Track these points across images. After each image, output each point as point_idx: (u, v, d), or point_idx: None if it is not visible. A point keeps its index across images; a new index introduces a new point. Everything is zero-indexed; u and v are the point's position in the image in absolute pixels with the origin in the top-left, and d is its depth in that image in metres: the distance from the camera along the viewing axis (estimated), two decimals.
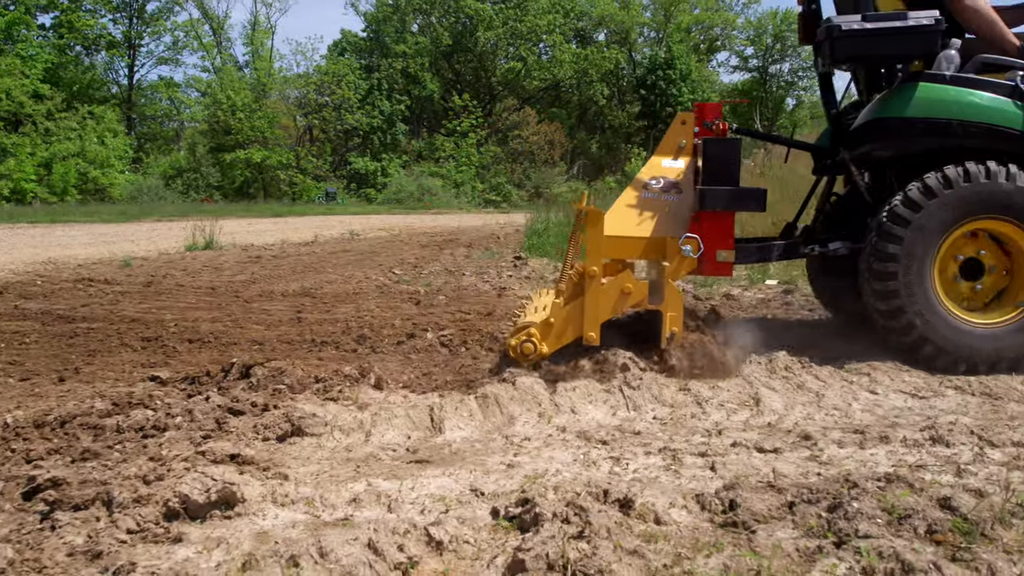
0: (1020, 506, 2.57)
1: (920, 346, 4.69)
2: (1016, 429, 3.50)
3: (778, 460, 3.18)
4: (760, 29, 48.99)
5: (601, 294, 4.66)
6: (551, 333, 4.66)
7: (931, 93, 4.83)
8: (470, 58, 44.30)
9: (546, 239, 11.70)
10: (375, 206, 32.93)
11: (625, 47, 46.43)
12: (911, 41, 4.87)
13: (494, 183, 40.17)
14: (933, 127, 4.82)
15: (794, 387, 4.10)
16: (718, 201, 4.88)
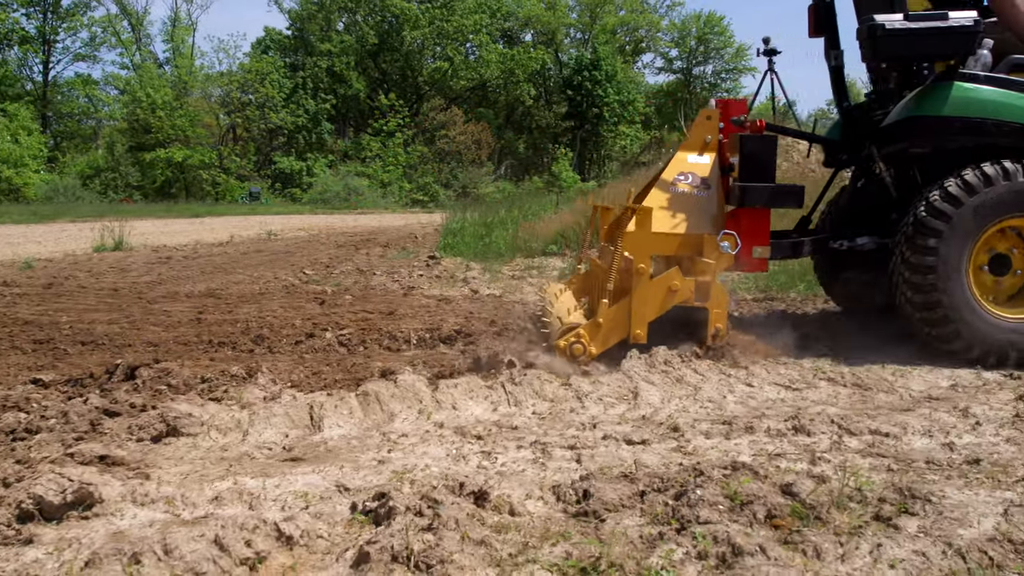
0: (858, 490, 2.70)
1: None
2: (876, 418, 3.65)
3: (644, 452, 3.27)
4: (684, 31, 49.70)
5: (648, 292, 4.67)
6: (599, 333, 4.63)
7: (967, 92, 4.95)
8: (396, 57, 44.08)
9: (461, 239, 11.73)
10: (300, 206, 32.56)
11: (551, 48, 46.69)
12: (952, 41, 4.96)
13: (421, 183, 40.03)
14: (969, 125, 4.94)
15: (673, 381, 4.20)
16: (760, 198, 5.03)
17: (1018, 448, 3.29)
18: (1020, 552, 2.31)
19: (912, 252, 4.80)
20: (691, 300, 4.73)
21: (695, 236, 4.88)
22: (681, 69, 51.16)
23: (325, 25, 43.09)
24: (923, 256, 4.77)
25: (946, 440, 3.38)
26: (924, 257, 4.77)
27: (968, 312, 4.77)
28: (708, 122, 5.36)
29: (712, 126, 5.34)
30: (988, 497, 2.67)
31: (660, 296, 4.69)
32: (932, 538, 2.35)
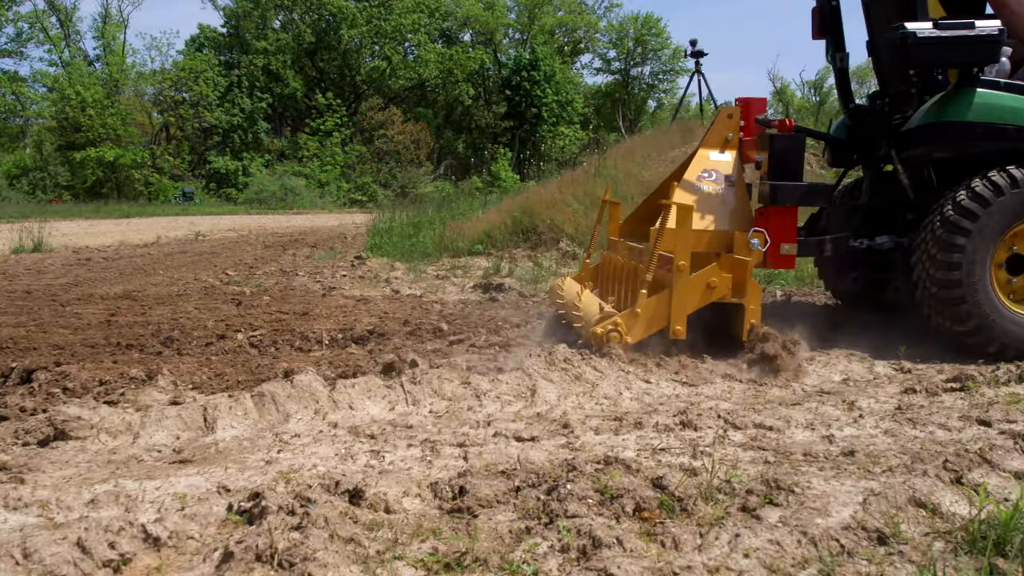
0: (727, 482, 2.77)
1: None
2: (762, 412, 3.74)
3: (532, 448, 3.30)
4: (622, 32, 50.14)
5: (688, 288, 4.77)
6: (637, 324, 4.73)
7: (990, 99, 5.15)
8: (334, 56, 43.74)
9: (389, 239, 11.70)
10: (235, 207, 32.15)
11: (490, 48, 46.75)
12: (978, 48, 5.11)
13: (360, 183, 39.80)
14: (991, 131, 5.14)
15: (571, 378, 4.25)
16: (791, 196, 5.20)
17: (894, 440, 3.39)
18: (872, 539, 2.39)
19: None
20: (728, 296, 4.87)
21: (726, 233, 5.05)
22: (619, 70, 51.63)
23: (261, 23, 42.59)
24: (950, 252, 4.94)
25: (827, 433, 3.48)
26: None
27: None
28: (729, 120, 5.50)
29: (733, 124, 5.48)
30: (852, 487, 2.76)
31: (699, 292, 4.83)
32: (790, 527, 2.42)
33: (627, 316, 4.72)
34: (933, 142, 5.34)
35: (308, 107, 42.46)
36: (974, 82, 5.19)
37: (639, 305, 4.71)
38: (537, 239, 10.40)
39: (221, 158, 39.08)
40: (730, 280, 4.85)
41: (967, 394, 4.13)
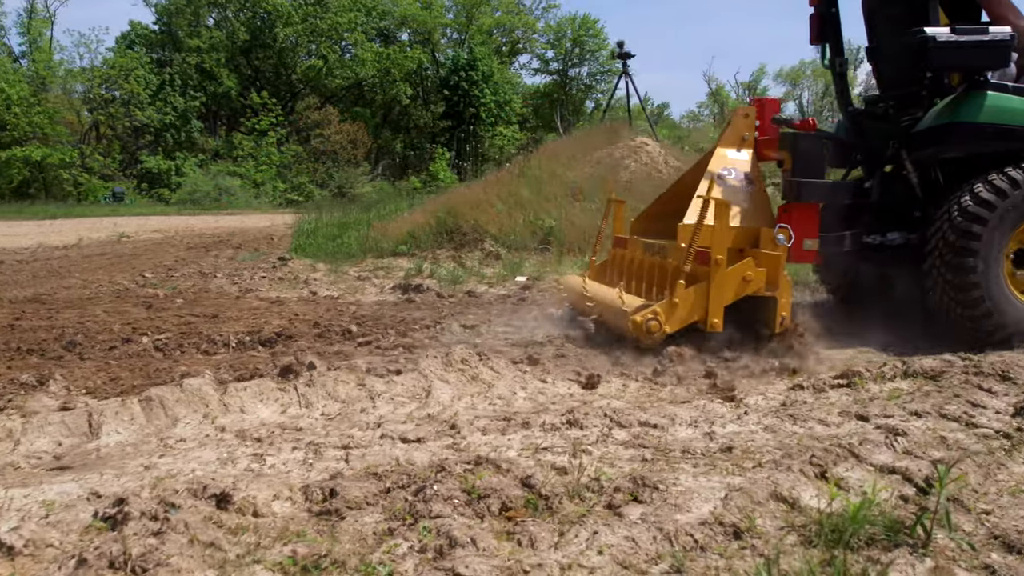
0: (596, 480, 2.82)
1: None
2: (649, 410, 3.80)
3: (417, 450, 3.32)
4: (559, 33, 50.37)
5: (725, 282, 4.88)
6: (675, 314, 4.85)
7: (1000, 101, 5.38)
8: (269, 55, 43.21)
9: (314, 240, 11.62)
10: (168, 207, 31.57)
11: (428, 47, 46.60)
12: (994, 53, 5.35)
13: (296, 183, 39.36)
14: (1000, 132, 5.37)
15: (468, 379, 4.28)
16: (816, 193, 5.47)
17: (773, 435, 3.47)
18: (728, 534, 2.45)
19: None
20: (762, 290, 5.00)
21: (753, 229, 5.25)
22: (557, 70, 51.85)
23: (194, 20, 41.92)
24: (969, 240, 5.16)
25: (709, 430, 3.55)
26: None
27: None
28: (746, 119, 5.72)
29: (750, 124, 5.70)
30: (718, 483, 2.82)
31: (734, 286, 4.94)
32: (648, 524, 2.47)
33: (666, 306, 4.84)
34: (946, 142, 5.56)
35: (243, 106, 41.88)
36: (984, 85, 5.41)
37: (677, 295, 4.84)
38: (461, 239, 10.42)
39: (153, 158, 38.34)
40: (764, 274, 4.99)
41: (853, 390, 4.24)
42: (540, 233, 10.28)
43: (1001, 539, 2.44)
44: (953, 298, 5.25)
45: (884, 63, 6.38)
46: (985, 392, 4.11)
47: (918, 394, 4.08)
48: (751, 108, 5.79)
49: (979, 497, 2.80)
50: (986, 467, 3.04)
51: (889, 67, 6.31)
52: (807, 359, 4.90)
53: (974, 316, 5.22)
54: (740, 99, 53.67)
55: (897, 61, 6.12)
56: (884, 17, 6.14)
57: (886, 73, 6.39)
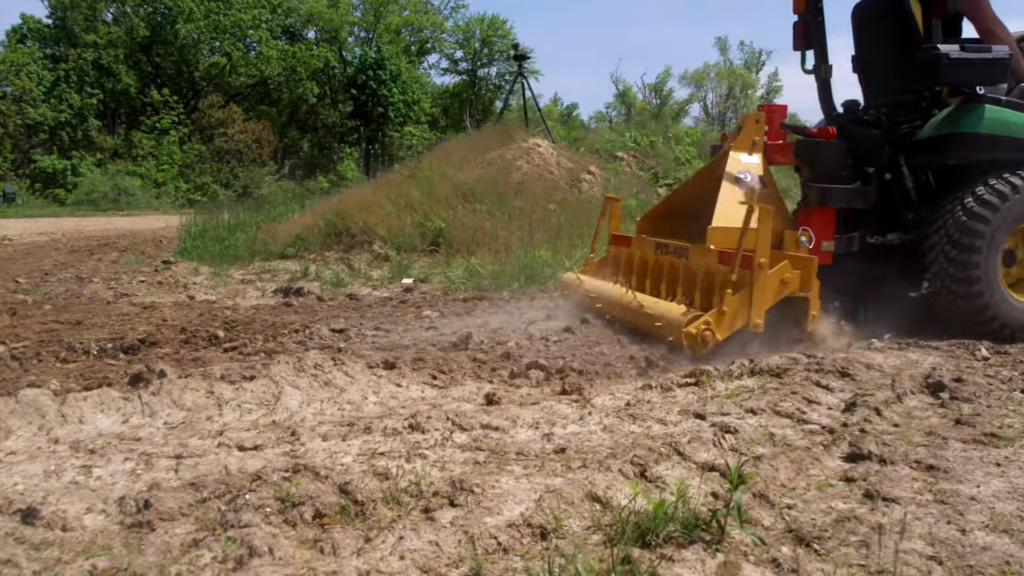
0: (416, 484, 2.84)
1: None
2: (492, 413, 3.84)
3: (253, 457, 3.29)
4: (468, 33, 50.35)
5: (767, 284, 5.06)
6: (724, 321, 4.98)
7: (996, 114, 5.84)
8: (170, 51, 42.09)
9: (202, 242, 11.38)
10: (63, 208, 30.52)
11: (335, 46, 46.08)
12: (996, 69, 5.83)
13: (199, 183, 38.41)
14: (997, 142, 5.83)
15: (320, 385, 4.25)
16: (840, 198, 5.88)
17: (610, 435, 3.55)
18: (535, 535, 2.50)
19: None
20: (797, 291, 5.22)
21: (777, 231, 5.40)
22: (466, 70, 51.83)
23: (90, 15, 40.54)
24: (973, 239, 5.57)
25: (549, 431, 3.60)
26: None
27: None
28: (757, 125, 6.04)
29: (760, 129, 6.02)
30: (537, 484, 2.87)
31: (774, 288, 5.14)
32: (456, 528, 2.50)
33: (716, 315, 4.97)
34: (948, 150, 5.93)
35: (143, 104, 40.71)
36: (980, 99, 5.84)
37: (726, 304, 4.97)
38: (350, 241, 10.35)
39: (47, 157, 36.95)
40: (799, 276, 5.21)
41: (700, 388, 4.35)
42: (430, 234, 10.28)
43: (795, 533, 2.55)
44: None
45: (872, 72, 6.73)
46: (822, 389, 4.28)
47: (758, 392, 4.22)
48: (761, 114, 6.09)
49: (787, 492, 2.92)
50: (799, 462, 3.16)
51: (877, 76, 6.66)
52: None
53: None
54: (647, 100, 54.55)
55: (886, 71, 6.48)
56: (874, 29, 6.52)
57: (873, 82, 6.74)
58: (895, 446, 3.36)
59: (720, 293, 5.08)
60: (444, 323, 6.17)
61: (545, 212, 10.90)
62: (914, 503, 2.77)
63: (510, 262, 8.83)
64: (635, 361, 4.88)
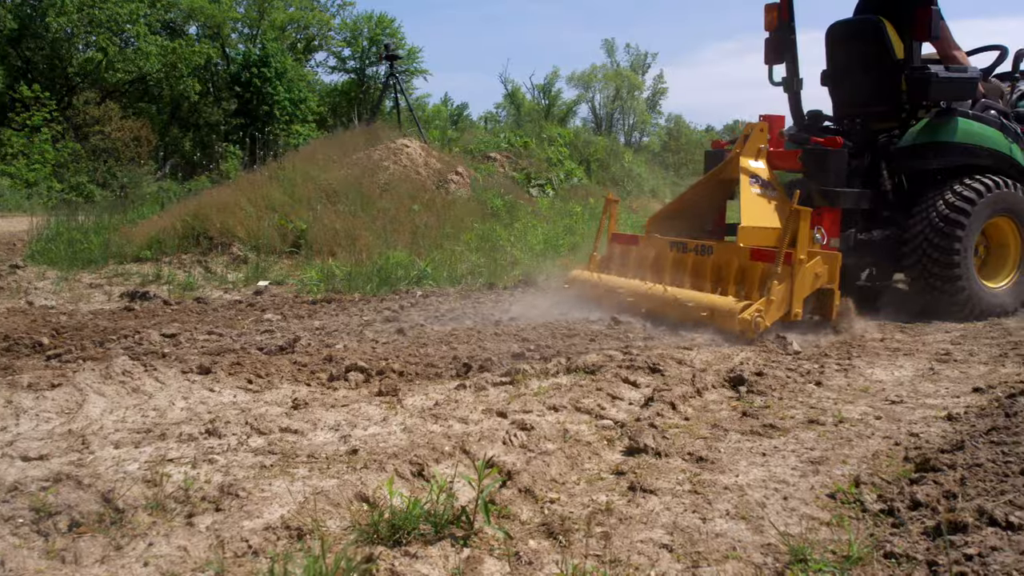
0: (185, 491, 2.84)
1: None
2: (295, 416, 3.85)
3: (35, 468, 3.21)
4: (356, 31, 49.85)
5: (804, 277, 5.77)
6: (771, 309, 5.67)
7: (967, 125, 6.80)
8: (41, 45, 40.44)
9: (56, 245, 10.98)
10: None
11: (218, 42, 45.04)
12: (968, 87, 6.86)
13: (74, 182, 36.95)
14: (967, 149, 6.79)
15: (128, 391, 4.18)
16: (849, 200, 6.62)
17: (408, 436, 3.59)
18: (291, 536, 2.53)
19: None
20: (826, 283, 5.92)
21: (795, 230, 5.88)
22: (355, 69, 51.31)
23: None
24: (955, 229, 6.49)
25: (348, 433, 3.64)
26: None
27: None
28: (761, 133, 6.73)
29: (764, 137, 6.74)
30: (310, 486, 2.91)
31: (809, 281, 5.84)
32: (211, 532, 2.52)
33: (765, 304, 5.62)
34: (927, 156, 6.83)
35: (12, 100, 38.97)
36: (952, 112, 6.79)
37: (773, 294, 5.65)
38: (208, 244, 10.15)
39: None
40: (828, 270, 5.89)
41: (514, 387, 4.44)
42: (291, 236, 10.18)
43: (548, 526, 2.64)
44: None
45: (845, 86, 7.60)
46: (629, 385, 4.43)
47: (568, 389, 4.33)
48: (765, 123, 6.79)
49: (556, 486, 3.02)
50: (576, 457, 3.28)
51: (851, 90, 7.54)
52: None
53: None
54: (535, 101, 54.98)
55: (862, 85, 7.36)
56: (850, 48, 7.39)
57: (846, 95, 7.63)
58: (676, 439, 3.51)
59: (760, 286, 5.83)
60: (282, 326, 6.14)
61: (409, 213, 10.92)
62: (671, 494, 2.91)
63: (366, 264, 8.82)
64: (457, 361, 4.93)
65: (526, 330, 5.94)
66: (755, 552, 2.45)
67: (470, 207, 11.69)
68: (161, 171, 41.10)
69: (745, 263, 6.05)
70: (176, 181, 39.47)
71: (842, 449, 3.43)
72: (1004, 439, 3.37)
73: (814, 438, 3.58)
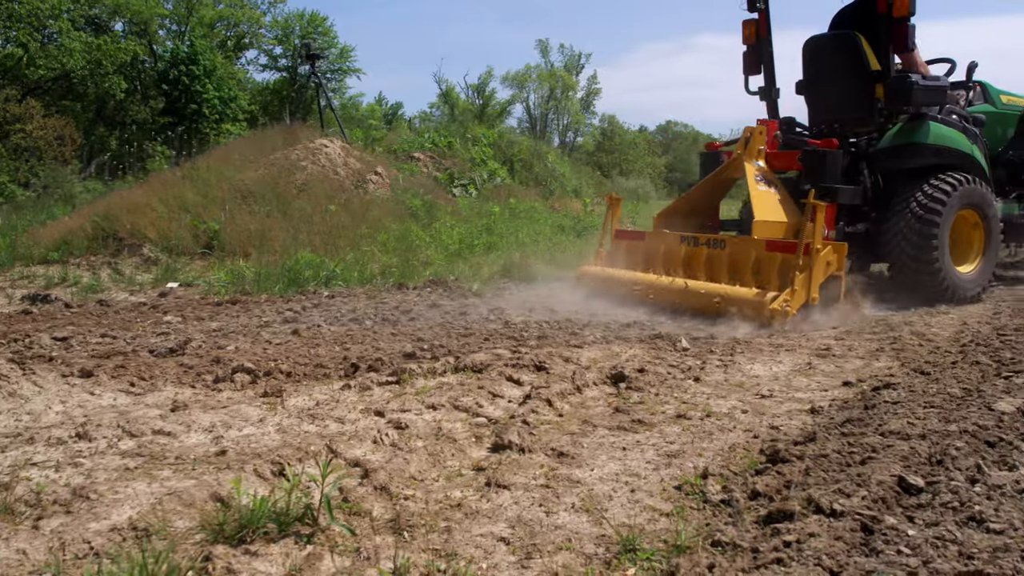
0: (37, 494, 2.84)
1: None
2: (170, 419, 3.85)
3: None
4: (288, 29, 49.36)
5: (820, 266, 6.32)
6: (796, 297, 6.25)
7: (938, 129, 7.60)
8: None
9: None
10: None
11: (145, 39, 44.18)
12: (940, 95, 7.61)
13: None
14: (938, 150, 7.59)
15: (3, 396, 4.14)
16: (847, 196, 7.34)
17: (282, 436, 3.62)
18: (137, 537, 2.55)
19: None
20: (835, 271, 6.51)
21: (795, 222, 6.76)
22: (287, 67, 50.78)
23: None
24: (933, 216, 7.20)
25: (223, 434, 3.65)
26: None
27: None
28: (761, 136, 7.52)
29: (763, 139, 7.52)
30: (168, 487, 2.92)
31: (823, 268, 6.38)
32: (55, 534, 2.52)
33: (790, 293, 6.21)
34: (904, 157, 7.60)
35: None
36: (924, 116, 7.58)
37: (796, 284, 6.24)
38: (118, 245, 10.01)
39: None
40: (837, 259, 6.48)
41: (399, 386, 4.49)
42: (204, 237, 10.08)
43: (395, 522, 2.70)
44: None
45: (822, 94, 8.32)
46: (513, 383, 4.51)
47: (447, 387, 4.39)
48: (763, 127, 7.54)
49: (414, 483, 3.08)
50: (439, 455, 3.35)
51: (828, 98, 8.25)
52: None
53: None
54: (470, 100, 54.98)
55: (840, 94, 8.03)
56: (827, 61, 8.08)
57: (824, 103, 8.34)
58: (543, 435, 3.60)
59: (778, 274, 6.43)
60: (179, 329, 6.11)
61: (325, 213, 10.89)
62: (523, 488, 2.99)
63: (277, 264, 8.78)
64: (347, 362, 4.96)
65: (423, 330, 6.00)
66: (589, 543, 2.54)
67: (388, 207, 11.70)
68: (87, 171, 40.24)
69: (762, 254, 6.67)
70: (102, 181, 38.73)
71: (702, 443, 3.55)
72: (854, 430, 3.53)
73: (678, 432, 3.70)
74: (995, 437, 3.32)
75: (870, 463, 3.06)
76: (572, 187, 18.29)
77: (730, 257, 6.90)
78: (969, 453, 3.14)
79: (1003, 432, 3.38)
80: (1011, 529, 2.49)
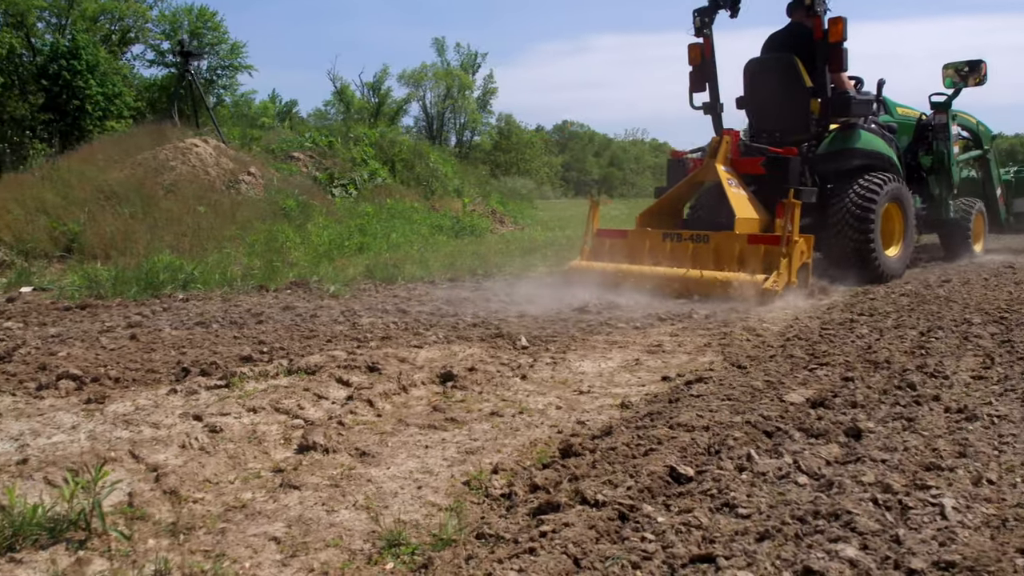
0: None
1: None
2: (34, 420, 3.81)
3: None
4: (176, 24, 48.10)
5: (796, 254, 7.50)
6: (780, 279, 7.38)
7: (867, 136, 9.04)
8: None
9: None
10: None
11: (22, 32, 42.51)
12: (869, 106, 9.15)
13: None
14: (868, 154, 9.00)
15: None
16: (806, 196, 8.26)
17: (91, 442, 3.61)
18: None
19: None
20: (806, 259, 7.71)
21: (767, 218, 8.28)
22: (175, 63, 49.43)
23: None
24: (870, 205, 8.51)
25: (30, 442, 3.62)
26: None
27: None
28: (727, 144, 8.73)
29: (729, 147, 8.72)
30: None
31: (799, 256, 7.56)
32: None
33: (776, 276, 7.36)
34: (840, 160, 8.95)
35: None
36: (855, 125, 8.99)
37: (781, 268, 7.42)
38: None
39: None
40: (807, 248, 7.71)
41: (228, 389, 4.51)
42: (63, 239, 9.83)
43: (175, 526, 2.75)
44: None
45: (763, 109, 9.50)
46: (341, 384, 4.58)
47: (273, 390, 4.44)
48: (728, 136, 8.77)
49: (208, 486, 3.13)
50: (240, 456, 3.40)
51: (768, 112, 9.46)
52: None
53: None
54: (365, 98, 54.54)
55: (779, 108, 9.22)
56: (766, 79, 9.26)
57: (764, 115, 9.56)
58: (352, 436, 3.68)
59: (765, 263, 7.55)
60: (15, 335, 5.97)
61: (194, 214, 10.73)
62: (313, 488, 3.07)
63: (134, 267, 8.64)
64: (179, 366, 4.95)
65: (268, 332, 6.01)
66: (359, 540, 2.64)
67: (260, 208, 11.59)
68: None
69: (745, 247, 7.79)
70: None
71: (505, 439, 3.69)
72: (648, 424, 3.72)
73: (486, 429, 3.83)
74: (774, 427, 3.54)
75: (652, 454, 3.24)
76: (454, 187, 18.40)
77: (715, 250, 8.00)
78: (745, 443, 3.35)
79: (783, 422, 3.61)
80: (757, 513, 2.69)
